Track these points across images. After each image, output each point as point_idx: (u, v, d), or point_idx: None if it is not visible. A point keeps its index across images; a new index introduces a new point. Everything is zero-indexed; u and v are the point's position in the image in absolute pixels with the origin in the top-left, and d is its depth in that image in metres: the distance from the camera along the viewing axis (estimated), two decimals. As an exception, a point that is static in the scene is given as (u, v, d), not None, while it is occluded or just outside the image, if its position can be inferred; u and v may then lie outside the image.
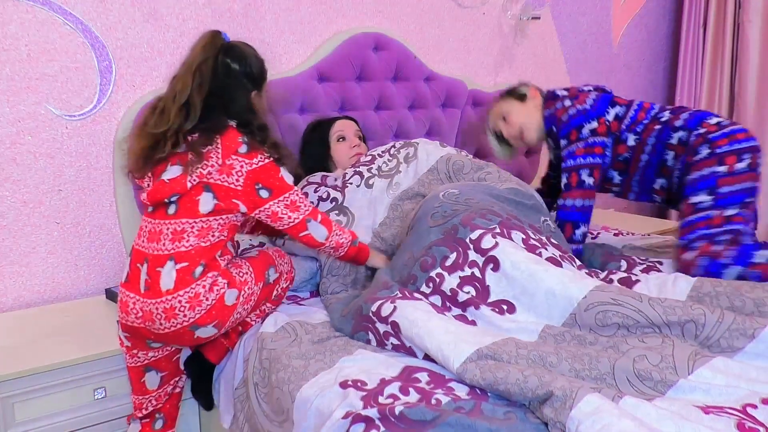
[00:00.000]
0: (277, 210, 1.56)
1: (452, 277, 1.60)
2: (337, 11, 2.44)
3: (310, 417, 1.29)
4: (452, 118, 2.68)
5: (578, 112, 2.08)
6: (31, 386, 1.57)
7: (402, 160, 2.11)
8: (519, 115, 2.24)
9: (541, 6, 3.03)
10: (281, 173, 1.56)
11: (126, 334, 1.57)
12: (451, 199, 1.80)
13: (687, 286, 1.63)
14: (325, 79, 2.35)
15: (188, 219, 1.50)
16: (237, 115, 1.56)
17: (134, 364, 1.60)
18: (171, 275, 1.48)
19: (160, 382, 1.64)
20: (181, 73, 1.54)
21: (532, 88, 2.27)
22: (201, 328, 1.51)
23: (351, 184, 2.04)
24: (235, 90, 1.57)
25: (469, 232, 1.65)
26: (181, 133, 1.50)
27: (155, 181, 1.54)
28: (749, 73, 3.23)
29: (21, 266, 1.95)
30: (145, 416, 1.64)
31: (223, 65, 1.55)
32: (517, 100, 2.26)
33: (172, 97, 1.52)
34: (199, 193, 1.50)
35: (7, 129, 1.88)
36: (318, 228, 1.62)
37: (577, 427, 1.11)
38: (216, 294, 1.51)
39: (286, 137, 2.24)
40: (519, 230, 1.70)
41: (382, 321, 1.51)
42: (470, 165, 2.07)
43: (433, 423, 1.15)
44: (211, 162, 1.49)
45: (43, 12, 1.89)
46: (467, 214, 1.71)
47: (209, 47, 1.55)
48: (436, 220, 1.74)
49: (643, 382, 1.26)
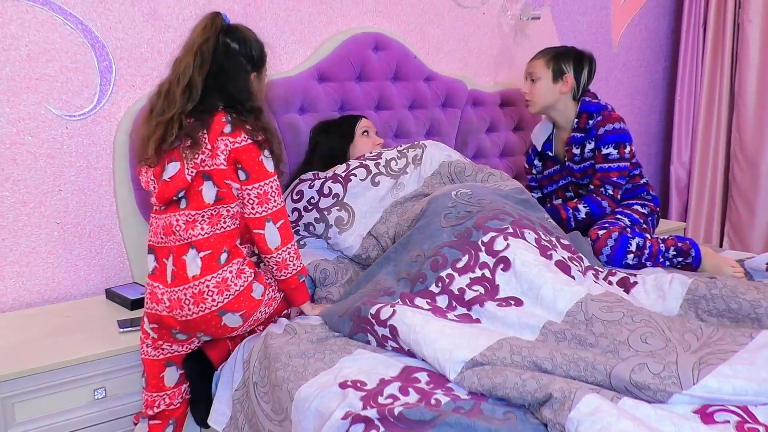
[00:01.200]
0: (247, 196, 1.55)
1: (462, 278, 1.61)
2: (337, 11, 2.44)
3: (309, 417, 1.29)
4: (452, 118, 2.68)
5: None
6: (31, 386, 1.57)
7: (410, 161, 2.11)
8: (541, 89, 2.35)
9: (541, 6, 3.03)
10: (261, 157, 1.54)
11: (153, 326, 1.58)
12: (464, 199, 1.81)
13: (682, 289, 1.63)
14: (325, 79, 2.35)
15: (198, 210, 1.53)
16: (235, 95, 1.55)
17: (156, 357, 1.60)
18: (196, 262, 1.51)
19: (178, 379, 1.64)
20: (182, 55, 1.56)
21: (570, 76, 2.34)
22: (228, 314, 1.53)
23: (354, 177, 2.00)
24: (234, 71, 1.57)
25: (481, 236, 1.67)
26: (183, 114, 1.51)
27: (158, 182, 1.55)
28: (749, 73, 3.23)
29: (21, 266, 1.95)
30: (155, 416, 1.63)
31: (224, 45, 1.56)
32: (553, 74, 2.33)
33: (176, 78, 1.53)
34: (201, 183, 1.52)
35: (7, 129, 1.88)
36: (273, 233, 1.56)
37: (577, 428, 1.11)
38: (244, 281, 1.54)
39: (286, 137, 2.24)
40: (531, 230, 1.72)
41: (381, 324, 1.51)
42: (471, 168, 2.11)
43: (432, 423, 1.15)
44: (201, 149, 1.51)
45: (43, 12, 1.89)
46: (481, 216, 1.72)
47: (210, 28, 1.55)
48: (449, 221, 1.74)
49: (641, 391, 1.23)
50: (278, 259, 1.58)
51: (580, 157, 2.32)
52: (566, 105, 2.35)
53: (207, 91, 1.53)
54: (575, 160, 2.34)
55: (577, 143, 2.32)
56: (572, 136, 2.33)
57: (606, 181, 2.25)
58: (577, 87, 2.33)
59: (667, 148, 3.71)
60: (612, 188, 2.25)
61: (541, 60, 2.36)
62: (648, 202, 2.36)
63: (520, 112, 2.91)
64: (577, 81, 2.32)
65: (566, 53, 2.36)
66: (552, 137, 2.46)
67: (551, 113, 2.40)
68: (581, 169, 2.34)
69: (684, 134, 3.54)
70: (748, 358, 1.27)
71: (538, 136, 2.50)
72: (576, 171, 2.36)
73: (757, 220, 3.27)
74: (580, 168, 2.34)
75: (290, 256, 1.59)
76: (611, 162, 2.24)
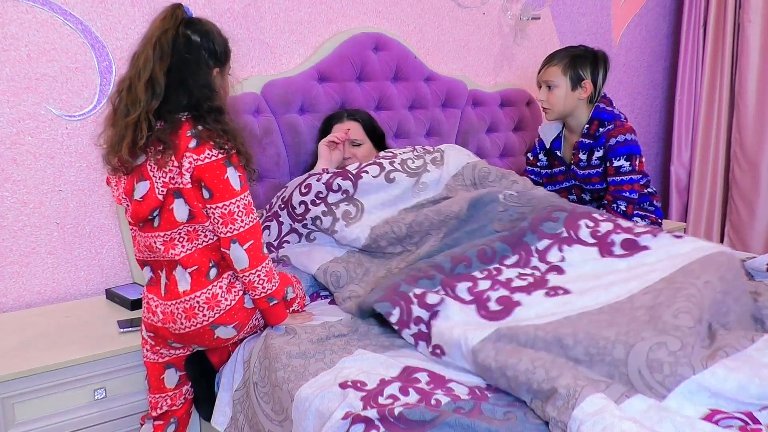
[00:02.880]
0: (212, 215, 1.47)
1: (510, 270, 1.61)
2: (337, 11, 2.44)
3: (309, 417, 1.29)
4: (452, 118, 2.68)
5: None
6: (31, 386, 1.57)
7: (429, 161, 2.05)
8: (560, 98, 2.28)
9: (541, 6, 3.03)
10: (227, 174, 1.44)
11: (150, 334, 1.58)
12: (513, 200, 1.82)
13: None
14: (325, 79, 2.35)
15: (172, 230, 1.49)
16: (195, 91, 1.46)
17: (155, 360, 1.60)
18: (186, 278, 1.50)
19: (178, 381, 1.64)
20: (140, 48, 1.47)
21: (588, 81, 2.28)
22: (221, 327, 1.53)
23: (366, 174, 1.94)
24: (195, 64, 1.47)
25: (536, 241, 1.68)
26: (150, 114, 1.43)
27: (130, 201, 1.50)
28: (749, 73, 3.23)
29: (21, 266, 1.95)
30: (159, 417, 1.64)
31: (184, 37, 1.46)
32: (571, 82, 2.27)
33: (137, 74, 1.44)
34: (171, 201, 1.46)
35: (8, 129, 1.88)
36: (239, 254, 1.47)
37: (579, 427, 1.11)
38: (234, 296, 1.52)
39: (286, 137, 2.24)
40: (587, 218, 1.70)
41: (424, 307, 1.52)
42: (495, 173, 2.05)
43: (432, 423, 1.15)
44: (168, 167, 1.44)
45: (43, 12, 1.88)
46: (534, 216, 1.72)
47: (169, 19, 1.46)
48: (503, 224, 1.76)
49: (652, 375, 1.23)
50: (245, 280, 1.50)
51: (586, 163, 2.31)
52: (582, 110, 2.31)
53: (170, 88, 1.44)
54: (581, 166, 2.33)
55: (585, 149, 2.30)
56: (581, 141, 2.31)
57: (618, 196, 2.23)
58: (594, 91, 2.28)
59: (667, 148, 3.71)
60: (625, 204, 2.23)
61: (557, 67, 2.28)
62: (650, 213, 2.35)
63: (520, 112, 2.91)
64: (594, 84, 2.27)
65: (582, 57, 2.28)
66: (561, 137, 2.44)
67: (567, 118, 2.35)
68: (585, 175, 2.33)
69: (684, 134, 3.53)
70: (749, 360, 1.29)
71: (547, 133, 2.47)
72: (580, 176, 2.35)
73: (757, 220, 3.27)
74: (584, 174, 2.33)
75: (259, 279, 1.50)
76: (623, 175, 2.22)
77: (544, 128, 2.49)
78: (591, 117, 2.28)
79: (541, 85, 2.34)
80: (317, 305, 1.84)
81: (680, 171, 3.56)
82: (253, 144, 1.65)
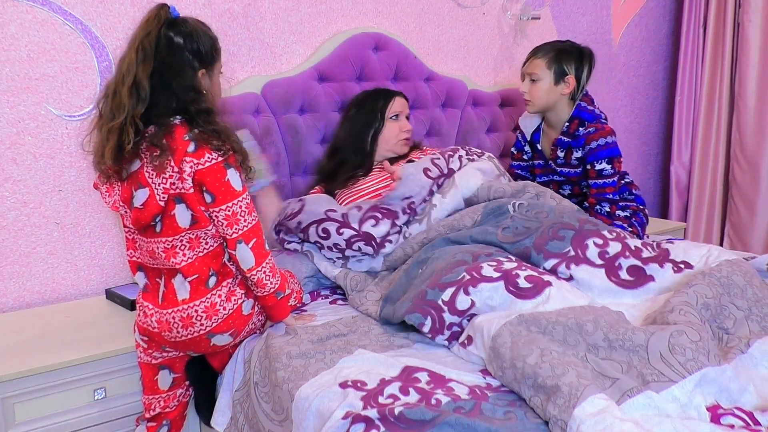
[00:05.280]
0: (216, 218, 1.47)
1: (524, 271, 1.60)
2: (337, 11, 2.44)
3: (309, 417, 1.29)
4: (452, 118, 2.68)
5: None
6: (31, 386, 1.57)
7: (438, 194, 2.01)
8: (543, 91, 2.28)
9: (541, 6, 3.03)
10: (227, 177, 1.44)
11: (144, 338, 1.58)
12: (522, 212, 1.83)
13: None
14: (325, 79, 2.35)
15: (174, 236, 1.48)
16: (179, 95, 1.44)
17: (149, 362, 1.60)
18: (185, 286, 1.49)
19: (172, 383, 1.64)
20: (125, 52, 1.45)
21: (572, 77, 2.27)
22: (217, 335, 1.53)
23: (390, 243, 1.91)
24: (178, 67, 1.44)
25: (542, 261, 1.70)
26: (137, 118, 1.40)
27: (130, 209, 1.49)
28: (749, 73, 3.23)
29: (21, 266, 1.95)
30: (152, 419, 1.64)
31: (166, 38, 1.43)
32: (555, 76, 2.26)
33: (121, 78, 1.41)
34: (173, 207, 1.45)
35: (8, 129, 1.88)
36: (246, 254, 1.48)
37: (579, 426, 1.12)
38: (234, 304, 1.53)
39: (286, 137, 2.24)
40: (595, 236, 1.72)
41: (456, 313, 1.52)
42: (510, 191, 2.00)
43: (432, 423, 1.15)
44: (168, 173, 1.43)
45: (43, 12, 1.89)
46: (539, 235, 1.73)
47: (153, 21, 1.43)
48: (506, 236, 1.76)
49: (674, 356, 1.27)
50: (254, 279, 1.51)
51: (563, 160, 2.30)
52: (563, 106, 2.30)
53: (156, 91, 1.42)
54: (558, 162, 2.33)
55: (563, 147, 2.29)
56: (559, 138, 2.30)
57: (601, 198, 2.23)
58: (577, 87, 2.27)
59: (667, 148, 3.71)
60: (609, 205, 2.23)
61: (542, 60, 2.27)
62: (630, 202, 2.34)
63: (520, 112, 2.90)
64: (577, 80, 2.26)
65: (567, 52, 2.27)
66: (541, 130, 2.43)
67: (548, 113, 2.35)
68: (563, 173, 2.33)
69: (684, 134, 3.54)
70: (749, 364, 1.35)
71: (527, 124, 2.46)
72: (559, 172, 2.35)
73: (757, 220, 3.27)
74: (563, 172, 2.33)
75: (266, 275, 1.51)
76: (606, 178, 2.21)
77: (524, 120, 2.47)
78: (572, 115, 2.27)
79: (524, 77, 2.33)
80: (317, 305, 1.84)
81: (680, 171, 3.56)
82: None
